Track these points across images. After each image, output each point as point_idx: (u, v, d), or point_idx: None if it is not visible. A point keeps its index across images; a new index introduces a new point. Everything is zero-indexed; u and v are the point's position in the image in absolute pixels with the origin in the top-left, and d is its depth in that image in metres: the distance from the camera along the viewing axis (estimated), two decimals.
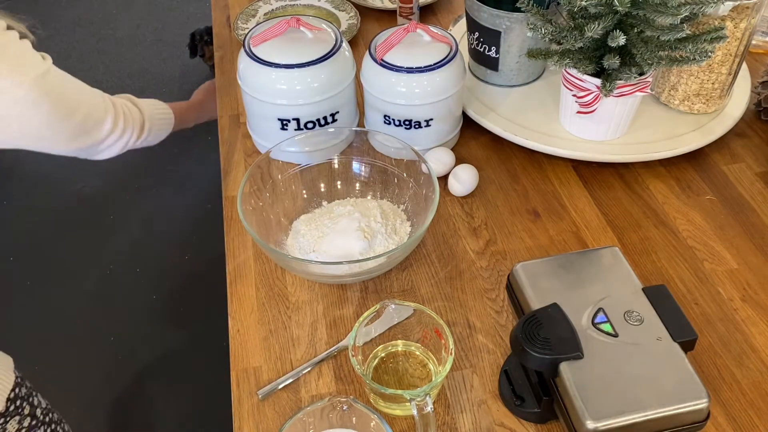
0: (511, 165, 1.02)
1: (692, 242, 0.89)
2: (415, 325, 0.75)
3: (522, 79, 1.09)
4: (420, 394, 0.65)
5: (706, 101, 1.01)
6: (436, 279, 0.86)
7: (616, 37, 0.83)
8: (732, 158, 1.01)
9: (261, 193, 0.89)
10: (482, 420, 0.72)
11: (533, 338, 0.65)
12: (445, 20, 1.32)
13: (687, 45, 0.85)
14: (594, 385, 0.63)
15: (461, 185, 0.95)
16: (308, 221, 0.91)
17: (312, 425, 0.67)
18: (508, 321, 0.81)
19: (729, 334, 0.79)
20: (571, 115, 0.98)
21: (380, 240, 0.86)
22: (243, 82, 0.97)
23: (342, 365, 0.77)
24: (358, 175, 0.95)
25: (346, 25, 1.29)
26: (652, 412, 0.62)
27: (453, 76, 0.94)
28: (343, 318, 0.82)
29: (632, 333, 0.67)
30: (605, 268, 0.74)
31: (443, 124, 0.98)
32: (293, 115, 0.96)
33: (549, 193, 0.97)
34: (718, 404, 0.72)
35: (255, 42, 0.96)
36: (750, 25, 0.93)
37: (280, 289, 0.86)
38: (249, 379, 0.77)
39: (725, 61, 0.97)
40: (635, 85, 0.90)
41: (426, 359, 0.76)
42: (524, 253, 0.89)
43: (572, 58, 0.90)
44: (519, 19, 0.99)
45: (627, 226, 0.92)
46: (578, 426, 0.63)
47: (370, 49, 0.96)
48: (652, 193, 0.96)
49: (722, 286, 0.84)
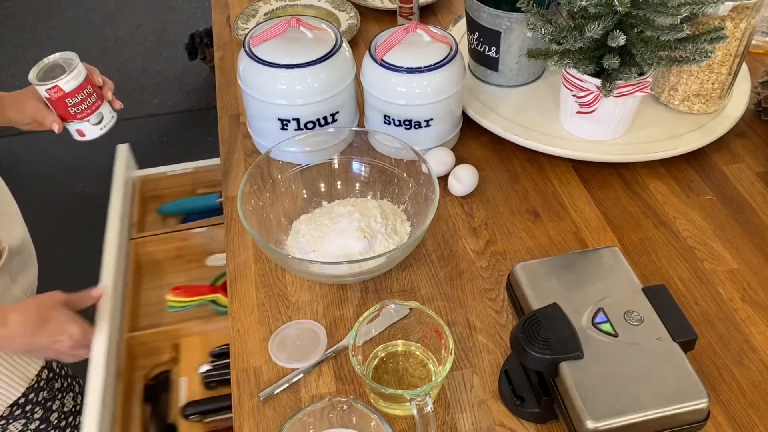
0: (511, 165, 1.02)
1: (692, 242, 0.89)
2: (415, 324, 0.75)
3: (522, 79, 1.09)
4: (420, 394, 0.65)
5: (706, 101, 1.01)
6: (436, 279, 0.86)
7: (616, 37, 0.83)
8: (732, 158, 1.01)
9: (261, 193, 0.89)
10: (482, 420, 0.72)
11: (533, 338, 0.65)
12: (445, 20, 1.32)
13: (687, 45, 0.85)
14: (594, 385, 0.63)
15: (461, 185, 0.95)
16: (308, 221, 0.91)
17: (312, 425, 0.67)
18: (508, 321, 0.81)
19: (729, 334, 0.79)
20: (571, 115, 0.98)
21: (380, 240, 0.86)
22: (243, 82, 0.97)
23: (342, 365, 0.77)
24: (358, 175, 0.95)
25: (346, 25, 1.29)
26: (652, 412, 0.62)
27: (453, 76, 0.94)
28: (343, 318, 0.82)
29: (632, 333, 0.67)
30: (605, 268, 0.74)
31: (443, 124, 0.98)
32: (293, 115, 0.96)
33: (549, 193, 0.97)
34: (718, 404, 0.72)
35: (255, 42, 0.96)
36: (750, 25, 0.93)
37: (280, 289, 0.86)
38: (249, 379, 0.77)
39: (725, 61, 0.97)
40: (635, 85, 0.90)
41: (426, 359, 0.76)
42: (524, 253, 0.89)
43: (572, 58, 0.90)
44: (519, 19, 0.99)
45: (627, 226, 0.92)
46: (578, 426, 0.63)
47: (370, 49, 0.96)
48: (652, 193, 0.96)
49: (722, 286, 0.84)
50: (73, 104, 0.90)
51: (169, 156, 2.32)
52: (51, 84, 0.87)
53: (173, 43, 2.94)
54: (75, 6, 3.21)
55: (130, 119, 2.59)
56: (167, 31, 3.04)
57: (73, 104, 0.90)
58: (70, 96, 0.89)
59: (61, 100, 0.89)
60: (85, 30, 3.06)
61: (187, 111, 2.62)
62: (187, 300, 1.21)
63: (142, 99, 2.66)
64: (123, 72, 2.81)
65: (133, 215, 1.39)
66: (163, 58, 2.89)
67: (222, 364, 1.16)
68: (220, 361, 1.16)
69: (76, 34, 3.03)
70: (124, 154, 1.44)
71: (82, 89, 0.90)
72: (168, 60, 2.88)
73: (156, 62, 2.87)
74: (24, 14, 3.17)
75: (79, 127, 0.93)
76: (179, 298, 1.20)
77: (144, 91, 2.70)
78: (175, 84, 2.75)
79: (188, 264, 1.37)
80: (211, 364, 1.16)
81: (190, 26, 2.95)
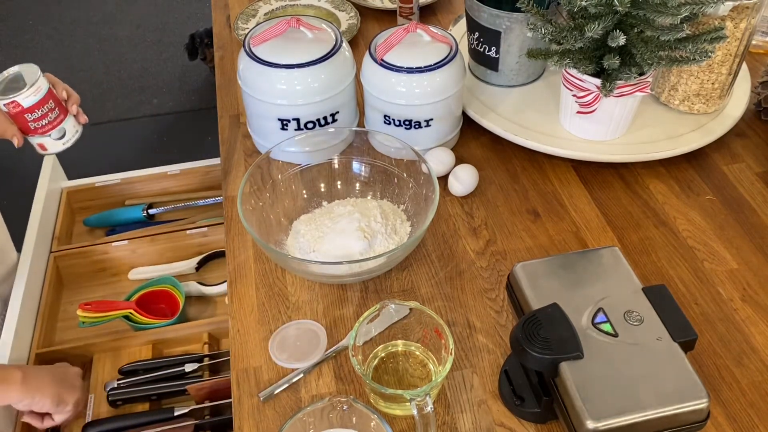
0: (511, 165, 1.02)
1: (692, 242, 0.89)
2: (415, 324, 0.75)
3: (522, 79, 1.09)
4: (420, 394, 0.65)
5: (706, 101, 1.01)
6: (436, 279, 0.86)
7: (616, 37, 0.83)
8: (732, 158, 1.01)
9: (261, 193, 0.89)
10: (482, 420, 0.72)
11: (533, 338, 0.65)
12: (445, 20, 1.32)
13: (687, 45, 0.85)
14: (594, 385, 0.63)
15: (461, 185, 0.95)
16: (308, 221, 0.91)
17: (312, 425, 0.67)
18: (508, 321, 0.81)
19: (729, 334, 0.79)
20: (571, 115, 0.98)
21: (380, 240, 0.86)
22: (243, 82, 0.97)
23: (342, 365, 0.77)
24: (358, 175, 0.95)
25: (346, 25, 1.29)
26: (652, 412, 0.62)
27: (453, 76, 0.94)
28: (343, 318, 0.82)
29: (632, 333, 0.67)
30: (605, 268, 0.74)
31: (443, 124, 0.98)
32: (293, 115, 0.96)
33: (549, 193, 0.97)
34: (718, 404, 0.72)
35: (255, 42, 0.96)
36: (750, 25, 0.93)
37: (280, 289, 0.86)
38: (249, 379, 0.77)
39: (725, 61, 0.97)
40: (635, 85, 0.90)
41: (426, 359, 0.76)
42: (524, 253, 0.89)
43: (572, 58, 0.90)
44: (519, 19, 0.99)
45: (627, 226, 0.92)
46: (578, 426, 0.63)
47: (370, 49, 0.96)
48: (652, 193, 0.96)
49: (722, 286, 0.84)
50: (33, 119, 0.88)
51: (169, 156, 2.32)
52: (9, 99, 0.86)
53: (173, 43, 2.94)
54: (75, 6, 3.21)
55: (130, 119, 2.59)
56: (167, 31, 3.04)
57: (33, 119, 0.88)
58: (29, 111, 0.87)
59: (20, 114, 0.87)
60: (85, 30, 3.06)
61: (187, 111, 2.62)
62: (98, 315, 1.18)
63: (142, 99, 2.66)
64: (123, 72, 2.81)
65: (57, 227, 1.36)
66: (163, 58, 2.89)
67: (130, 382, 1.11)
68: (129, 378, 1.12)
69: (76, 34, 3.03)
70: (49, 165, 1.42)
71: (42, 104, 0.88)
72: (168, 60, 2.88)
73: (156, 62, 2.87)
74: (24, 14, 3.17)
75: (40, 142, 0.92)
76: (89, 314, 1.17)
77: (144, 91, 2.70)
78: (175, 84, 2.75)
79: (111, 277, 1.34)
80: (118, 382, 1.11)
81: (190, 26, 2.95)
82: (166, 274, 1.31)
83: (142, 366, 1.14)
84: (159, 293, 1.27)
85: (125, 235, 1.35)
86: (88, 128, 0.97)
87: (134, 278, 1.33)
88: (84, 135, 0.96)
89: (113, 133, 2.51)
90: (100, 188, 1.47)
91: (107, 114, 2.60)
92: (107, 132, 2.50)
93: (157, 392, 1.11)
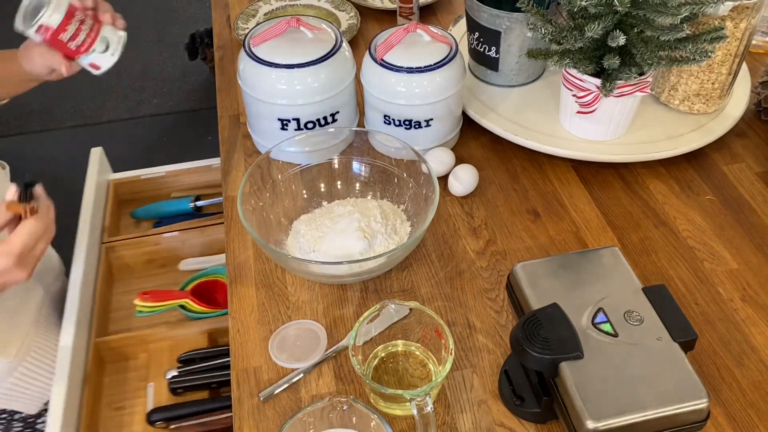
0: (511, 165, 1.02)
1: (692, 242, 0.89)
2: (415, 324, 0.75)
3: (522, 79, 1.09)
4: (420, 394, 0.65)
5: (706, 101, 1.01)
6: (436, 279, 0.86)
7: (616, 37, 0.83)
8: (732, 158, 1.01)
9: (261, 193, 0.89)
10: (482, 420, 0.72)
11: (533, 338, 0.65)
12: (445, 20, 1.32)
13: (687, 45, 0.85)
14: (594, 385, 0.63)
15: (461, 185, 0.95)
16: (308, 221, 0.91)
17: (312, 425, 0.67)
18: (508, 321, 0.81)
19: (729, 334, 0.79)
20: (571, 115, 0.98)
21: (380, 240, 0.86)
22: (243, 82, 0.97)
23: (342, 365, 0.77)
24: (358, 175, 0.95)
25: (346, 25, 1.29)
26: (652, 412, 0.62)
27: (453, 76, 0.94)
28: (343, 318, 0.82)
29: (632, 333, 0.67)
30: (605, 268, 0.74)
31: (443, 124, 0.98)
32: (293, 115, 0.96)
33: (549, 193, 0.97)
34: (718, 404, 0.72)
35: (255, 42, 0.96)
36: (750, 25, 0.93)
37: (280, 289, 0.86)
38: (249, 379, 0.77)
39: (725, 61, 0.97)
40: (635, 85, 0.90)
41: (426, 359, 0.76)
42: (524, 253, 0.89)
43: (572, 58, 0.90)
44: (519, 19, 0.99)
45: (627, 226, 0.92)
46: (578, 426, 0.63)
47: (370, 49, 0.96)
48: (652, 193, 0.96)
49: (722, 286, 0.84)
50: (69, 38, 0.83)
51: (169, 156, 2.32)
52: (36, 24, 0.81)
53: (173, 43, 2.94)
54: None
55: (130, 119, 2.59)
56: (167, 31, 3.04)
57: (69, 38, 0.83)
58: (62, 30, 0.82)
59: (54, 38, 0.82)
60: None
61: (187, 111, 2.62)
62: (155, 305, 1.20)
63: (142, 99, 2.66)
64: (123, 72, 2.81)
65: (106, 219, 1.37)
66: (163, 58, 2.89)
67: (189, 371, 1.14)
68: (187, 367, 1.15)
69: None
70: (96, 158, 1.43)
71: (70, 18, 0.82)
72: (168, 60, 2.88)
73: (156, 62, 2.87)
74: None
75: (89, 61, 0.87)
76: (147, 303, 1.19)
77: (144, 91, 2.70)
78: (175, 84, 2.75)
79: (160, 268, 1.36)
80: (178, 370, 1.14)
81: (190, 26, 2.95)
82: (217, 265, 1.33)
83: (199, 355, 1.17)
84: (212, 283, 1.29)
85: (175, 227, 1.36)
86: (87, 128, 0.97)
87: (185, 269, 1.35)
88: (84, 135, 0.95)
89: (113, 133, 2.51)
90: (145, 181, 1.49)
91: (107, 114, 2.60)
92: (107, 132, 2.50)
93: (216, 380, 1.14)
